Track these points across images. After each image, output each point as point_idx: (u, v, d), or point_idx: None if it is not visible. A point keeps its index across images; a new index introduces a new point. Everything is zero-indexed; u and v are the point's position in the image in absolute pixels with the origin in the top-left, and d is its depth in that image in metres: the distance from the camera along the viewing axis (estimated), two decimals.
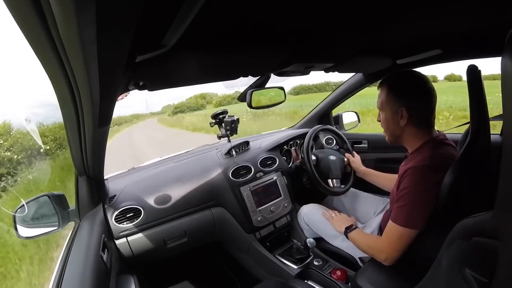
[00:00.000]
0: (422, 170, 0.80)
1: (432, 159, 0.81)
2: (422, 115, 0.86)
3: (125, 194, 1.14)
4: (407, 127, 0.87)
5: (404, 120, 0.86)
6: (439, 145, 0.85)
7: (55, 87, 0.43)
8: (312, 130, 1.43)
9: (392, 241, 0.84)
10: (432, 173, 0.79)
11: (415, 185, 0.80)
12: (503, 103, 0.36)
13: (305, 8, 0.55)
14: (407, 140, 0.91)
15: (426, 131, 0.87)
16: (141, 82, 0.67)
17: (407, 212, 0.80)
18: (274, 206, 1.35)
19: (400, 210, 0.82)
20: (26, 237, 0.83)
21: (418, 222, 0.80)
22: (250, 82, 1.04)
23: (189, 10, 0.38)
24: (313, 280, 1.10)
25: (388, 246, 0.85)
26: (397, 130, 0.90)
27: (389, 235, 0.86)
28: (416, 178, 0.80)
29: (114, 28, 0.31)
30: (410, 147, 0.92)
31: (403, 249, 0.83)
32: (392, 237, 0.84)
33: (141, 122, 34.82)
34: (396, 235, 0.83)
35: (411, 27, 0.76)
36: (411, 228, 0.80)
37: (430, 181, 0.79)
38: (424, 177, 0.79)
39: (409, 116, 0.85)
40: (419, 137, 0.88)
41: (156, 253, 1.14)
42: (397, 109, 0.87)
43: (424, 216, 0.79)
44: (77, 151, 0.72)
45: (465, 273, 0.46)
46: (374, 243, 0.92)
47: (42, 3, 0.24)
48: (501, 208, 0.40)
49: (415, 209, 0.80)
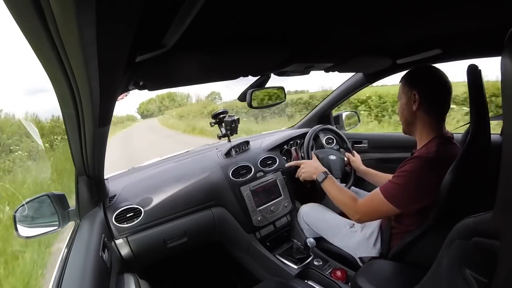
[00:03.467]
0: (425, 161, 0.82)
1: (437, 153, 0.82)
2: (432, 102, 0.88)
3: (125, 194, 1.14)
4: (419, 112, 0.89)
5: (416, 105, 0.88)
6: (446, 142, 0.87)
7: (55, 87, 0.43)
8: (312, 130, 1.43)
9: (371, 208, 0.90)
10: (433, 167, 0.80)
11: (414, 172, 0.82)
12: (503, 103, 0.36)
13: (305, 8, 0.55)
14: (418, 129, 0.92)
15: (436, 124, 0.89)
16: (141, 82, 0.67)
17: (397, 191, 0.84)
18: (274, 206, 1.35)
19: (392, 185, 0.86)
20: (26, 236, 0.83)
21: (403, 203, 0.84)
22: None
23: (189, 10, 0.38)
24: (313, 280, 1.10)
25: (365, 210, 0.91)
26: (410, 115, 0.92)
27: (370, 201, 0.91)
28: (417, 166, 0.82)
29: (114, 28, 0.31)
30: (419, 140, 0.93)
31: (378, 217, 0.93)
32: (373, 204, 0.90)
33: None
34: (377, 204, 0.88)
35: (411, 27, 0.76)
36: (393, 204, 0.84)
37: (430, 172, 0.80)
38: (426, 166, 0.81)
39: (420, 100, 0.87)
40: (429, 129, 0.89)
41: (156, 253, 1.14)
42: (411, 94, 0.89)
43: (410, 201, 0.83)
44: (77, 151, 0.72)
45: (465, 273, 0.46)
46: (350, 202, 0.97)
47: (42, 3, 0.24)
48: (501, 208, 0.40)
49: (406, 192, 0.83)
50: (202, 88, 42.44)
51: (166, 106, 42.71)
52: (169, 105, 42.64)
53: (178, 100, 43.35)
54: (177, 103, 42.40)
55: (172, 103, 43.14)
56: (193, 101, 38.14)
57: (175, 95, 43.93)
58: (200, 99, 36.58)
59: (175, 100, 43.55)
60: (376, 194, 0.89)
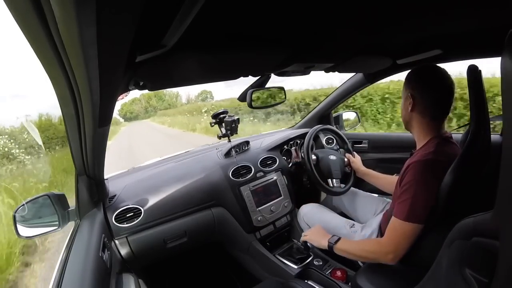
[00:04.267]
0: (425, 164, 0.80)
1: (436, 154, 0.81)
2: (427, 104, 0.86)
3: (125, 194, 1.14)
4: (413, 113, 0.89)
5: (410, 106, 0.88)
6: (444, 142, 0.86)
7: (56, 87, 0.43)
8: (312, 130, 1.43)
9: (398, 238, 0.81)
10: (434, 168, 0.79)
11: (417, 179, 0.80)
12: (503, 103, 0.36)
13: (306, 8, 0.55)
14: (415, 128, 0.92)
15: (433, 125, 0.88)
16: (141, 82, 0.67)
17: (410, 206, 0.80)
18: (274, 206, 1.35)
19: (403, 204, 0.81)
20: (26, 236, 0.83)
21: (421, 216, 0.79)
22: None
23: (189, 10, 0.38)
24: (313, 280, 1.10)
25: (394, 245, 0.82)
26: (406, 115, 0.92)
27: (393, 232, 0.83)
28: (418, 172, 0.80)
29: (114, 28, 0.31)
30: (417, 140, 0.93)
31: (409, 245, 0.81)
32: (397, 234, 0.82)
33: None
34: (401, 231, 0.81)
35: (412, 27, 0.76)
36: (415, 222, 0.79)
37: (432, 175, 0.79)
38: (427, 171, 0.80)
39: (414, 101, 0.87)
40: (426, 130, 0.88)
41: (156, 253, 1.14)
42: (407, 95, 0.89)
43: (426, 209, 0.79)
44: (77, 151, 0.72)
45: (465, 273, 0.46)
46: (375, 246, 0.88)
47: (42, 3, 0.24)
48: (501, 208, 0.40)
49: (418, 202, 0.79)
50: (192, 88, 40.88)
51: (154, 107, 40.84)
52: (157, 106, 40.77)
53: (167, 100, 41.01)
54: (166, 103, 40.53)
55: (160, 103, 41.26)
56: (184, 101, 36.69)
57: (163, 94, 41.44)
58: (190, 98, 35.31)
59: (164, 99, 41.37)
60: (394, 222, 0.83)
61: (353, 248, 0.95)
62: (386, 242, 0.85)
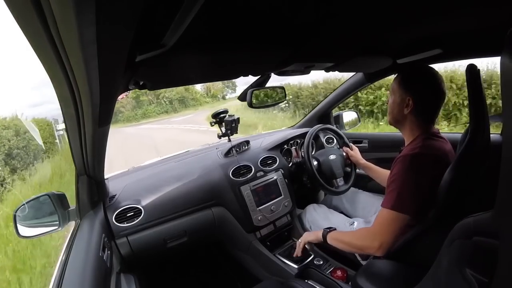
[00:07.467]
0: (411, 157, 0.83)
1: (422, 148, 0.84)
2: (425, 108, 0.89)
3: (125, 193, 1.14)
4: (410, 115, 0.90)
5: (408, 109, 0.89)
6: (430, 137, 0.89)
7: (56, 87, 0.43)
8: (312, 129, 1.43)
9: (384, 226, 0.85)
10: (420, 160, 0.81)
11: (404, 171, 0.83)
12: (503, 103, 0.36)
13: (306, 8, 0.55)
14: (406, 128, 0.94)
15: (425, 125, 0.90)
16: (141, 82, 0.67)
17: (396, 196, 0.82)
18: (275, 205, 1.35)
19: (390, 195, 0.84)
20: (26, 236, 0.83)
21: (408, 206, 0.81)
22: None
23: (189, 9, 0.38)
24: (314, 279, 1.10)
25: (380, 232, 0.85)
26: (400, 116, 0.93)
27: (380, 220, 0.87)
28: (405, 165, 0.83)
29: (114, 28, 0.31)
30: (406, 138, 0.95)
31: (396, 234, 0.83)
32: (384, 222, 0.85)
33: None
34: (388, 219, 0.84)
35: (412, 27, 0.76)
36: (401, 212, 0.81)
37: (419, 168, 0.81)
38: (413, 163, 0.82)
39: (414, 107, 0.88)
40: (416, 129, 0.91)
41: (156, 252, 1.14)
42: (405, 98, 0.90)
43: (413, 201, 0.81)
44: (77, 151, 0.72)
45: (465, 273, 0.46)
46: (363, 232, 0.92)
47: (42, 3, 0.24)
48: (501, 207, 0.40)
49: (404, 193, 0.82)
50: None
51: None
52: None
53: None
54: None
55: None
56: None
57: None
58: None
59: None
60: (382, 211, 0.86)
61: (344, 236, 0.98)
62: (373, 229, 0.88)
